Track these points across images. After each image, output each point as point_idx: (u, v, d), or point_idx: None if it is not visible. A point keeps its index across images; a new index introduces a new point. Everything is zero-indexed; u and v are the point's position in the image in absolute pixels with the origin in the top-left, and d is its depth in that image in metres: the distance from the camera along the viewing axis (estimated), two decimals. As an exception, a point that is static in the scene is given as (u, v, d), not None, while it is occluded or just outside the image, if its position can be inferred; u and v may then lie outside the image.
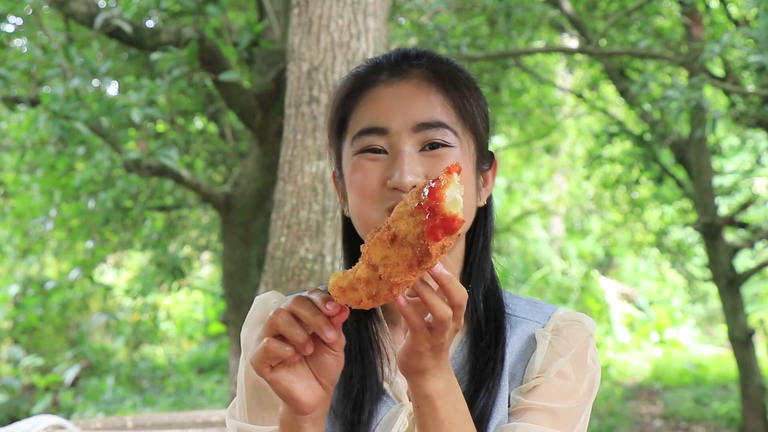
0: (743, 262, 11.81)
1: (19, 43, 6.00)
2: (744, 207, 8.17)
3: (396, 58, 1.39)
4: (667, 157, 8.83)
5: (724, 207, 10.08)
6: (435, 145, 1.33)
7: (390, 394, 1.37)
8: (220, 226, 5.98)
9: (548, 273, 14.35)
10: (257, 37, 5.02)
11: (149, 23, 5.67)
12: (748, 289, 12.85)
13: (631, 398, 10.96)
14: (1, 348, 10.95)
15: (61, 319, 10.55)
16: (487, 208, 1.44)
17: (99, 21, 4.54)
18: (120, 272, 12.10)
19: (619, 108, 10.27)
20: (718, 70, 7.37)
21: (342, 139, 1.40)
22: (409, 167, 1.30)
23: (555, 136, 11.80)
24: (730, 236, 9.05)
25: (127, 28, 4.68)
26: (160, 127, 7.22)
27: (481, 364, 1.35)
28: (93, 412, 8.67)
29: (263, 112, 5.16)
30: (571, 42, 8.88)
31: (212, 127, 7.71)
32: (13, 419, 8.55)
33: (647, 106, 7.58)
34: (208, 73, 4.97)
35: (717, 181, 9.25)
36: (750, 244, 7.82)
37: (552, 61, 9.58)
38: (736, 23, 6.32)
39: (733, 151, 10.27)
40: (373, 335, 1.40)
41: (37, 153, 6.71)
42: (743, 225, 8.09)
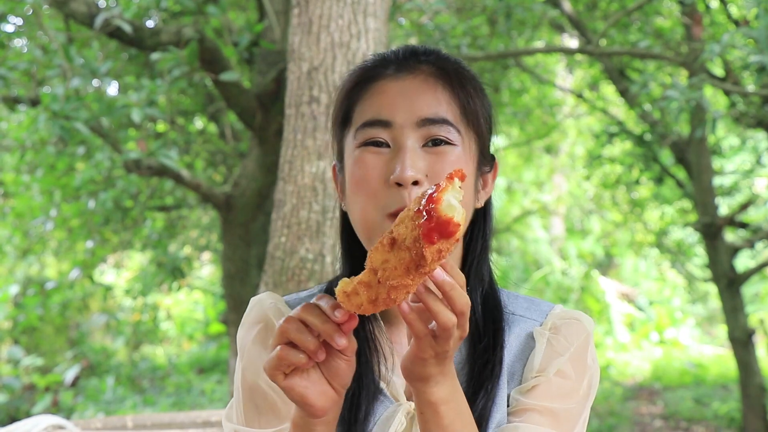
0: (743, 262, 11.80)
1: (19, 43, 6.00)
2: (744, 207, 8.17)
3: (404, 53, 1.39)
4: (667, 157, 8.83)
5: (724, 207, 10.08)
6: (438, 142, 1.32)
7: (387, 393, 1.37)
8: (220, 226, 5.98)
9: (548, 273, 14.35)
10: (257, 37, 5.01)
11: (149, 23, 5.67)
12: (748, 289, 12.84)
13: (631, 398, 10.95)
14: (1, 348, 10.95)
15: (61, 319, 10.54)
16: (486, 210, 1.43)
17: (99, 21, 4.54)
18: (120, 272, 12.10)
19: (619, 108, 10.26)
20: (718, 70, 7.37)
21: (345, 131, 1.39)
22: (410, 162, 1.29)
23: (555, 136, 11.79)
24: (730, 236, 9.05)
25: (127, 28, 4.68)
26: (160, 127, 7.22)
27: (479, 366, 1.35)
28: (93, 412, 8.66)
29: (263, 112, 5.16)
30: (571, 42, 8.88)
31: (212, 127, 7.71)
32: (13, 419, 8.55)
33: (647, 106, 7.57)
34: (208, 73, 4.97)
35: (717, 181, 9.24)
36: (750, 244, 7.82)
37: (552, 61, 9.58)
38: (736, 23, 6.32)
39: (733, 151, 10.27)
40: (369, 334, 1.39)
41: (37, 153, 6.70)
42: (743, 225, 8.09)
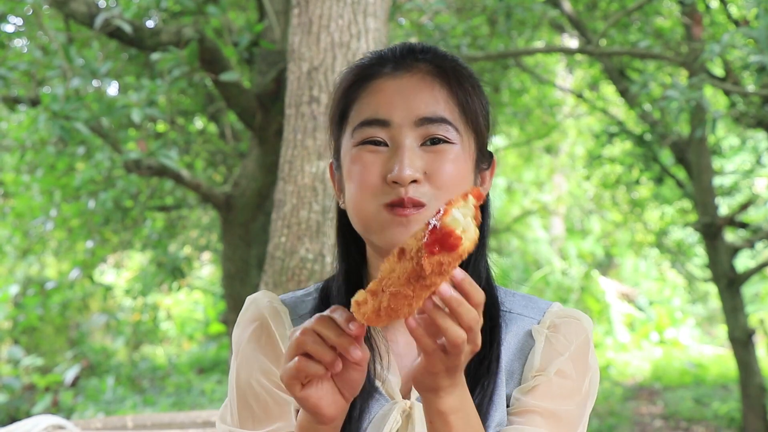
0: (743, 262, 11.80)
1: (19, 43, 6.00)
2: (744, 207, 8.17)
3: (401, 51, 1.38)
4: (667, 157, 8.83)
5: (724, 207, 10.08)
6: (436, 141, 1.32)
7: (382, 391, 1.36)
8: (220, 226, 5.99)
9: (548, 273, 14.35)
10: (257, 37, 5.01)
11: (149, 23, 5.67)
12: (748, 289, 12.84)
13: (631, 398, 10.95)
14: (1, 348, 10.95)
15: (61, 319, 10.55)
16: (483, 208, 1.43)
17: (99, 21, 4.54)
18: (120, 272, 12.10)
19: (619, 108, 10.26)
20: (718, 70, 7.37)
21: (342, 130, 1.39)
22: (409, 161, 1.29)
23: (555, 136, 11.79)
24: (730, 236, 9.05)
25: (127, 28, 4.68)
26: (160, 127, 7.23)
27: (475, 363, 1.34)
28: (93, 412, 8.65)
29: (263, 112, 5.17)
30: (571, 42, 8.88)
31: (212, 127, 7.71)
32: (13, 419, 8.55)
33: (647, 106, 7.57)
34: (208, 73, 4.97)
35: (717, 181, 9.24)
36: (750, 244, 7.82)
37: (552, 61, 9.58)
38: (736, 23, 6.32)
39: (733, 151, 10.27)
40: (365, 332, 1.40)
41: (37, 153, 6.71)
42: (743, 225, 8.09)
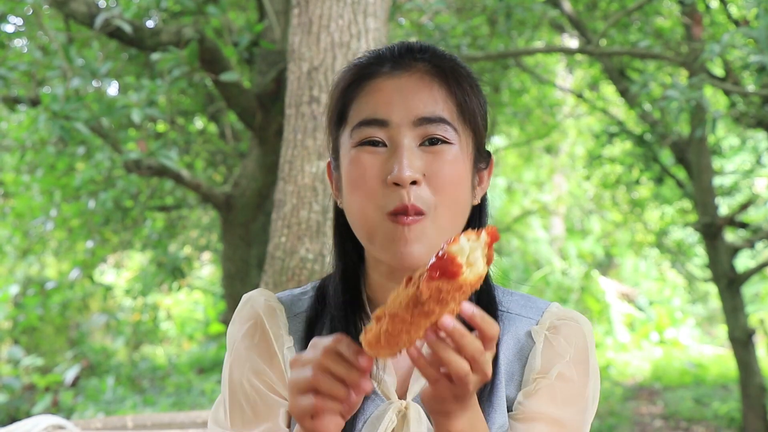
0: (743, 262, 11.80)
1: (19, 43, 6.00)
2: (744, 207, 8.16)
3: (400, 50, 1.38)
4: (667, 157, 8.83)
5: (724, 207, 10.08)
6: (435, 141, 1.31)
7: (378, 391, 1.36)
8: (220, 226, 5.98)
9: (548, 273, 14.35)
10: (257, 37, 5.01)
11: (149, 23, 5.67)
12: (748, 289, 12.84)
13: (631, 398, 10.95)
14: (1, 348, 10.94)
15: (61, 319, 10.54)
16: (482, 207, 1.43)
17: (99, 21, 4.54)
18: (120, 272, 12.10)
19: (619, 108, 10.26)
20: (718, 70, 7.36)
21: (340, 130, 1.38)
22: (408, 161, 1.28)
23: (555, 136, 11.79)
24: (730, 236, 9.04)
25: (127, 28, 4.68)
26: (160, 127, 7.23)
27: None
28: (93, 412, 8.65)
29: (263, 112, 5.17)
30: (571, 42, 8.88)
31: (212, 127, 7.71)
32: (13, 419, 8.55)
33: (647, 106, 7.57)
34: (208, 73, 4.97)
35: (717, 181, 9.24)
36: (750, 244, 7.81)
37: (552, 61, 9.58)
38: (736, 23, 6.32)
39: (733, 151, 10.26)
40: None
41: (37, 153, 6.71)
42: (743, 225, 8.09)
